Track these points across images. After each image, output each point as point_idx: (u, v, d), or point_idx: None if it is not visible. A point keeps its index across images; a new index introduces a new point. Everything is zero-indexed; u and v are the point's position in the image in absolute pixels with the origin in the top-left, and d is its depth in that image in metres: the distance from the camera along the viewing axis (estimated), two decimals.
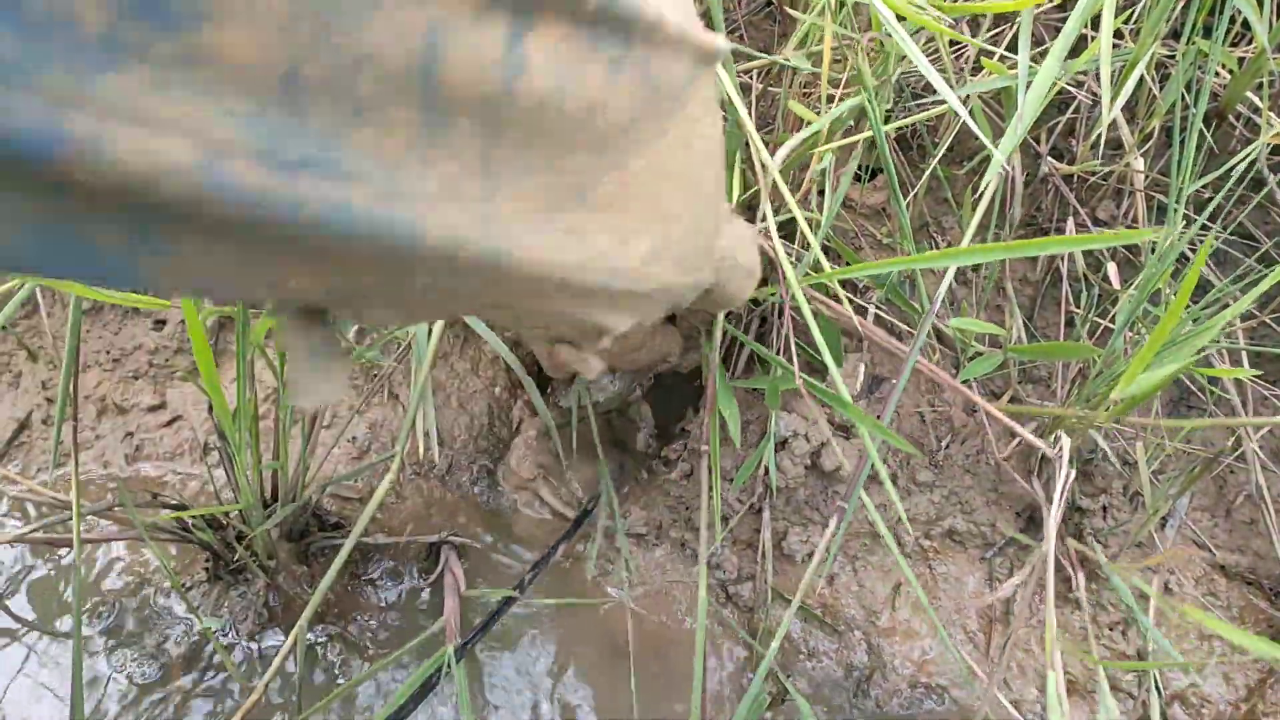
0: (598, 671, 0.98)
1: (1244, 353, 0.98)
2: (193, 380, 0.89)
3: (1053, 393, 1.00)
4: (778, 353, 0.88)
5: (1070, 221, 0.98)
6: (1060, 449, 0.78)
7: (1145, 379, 0.70)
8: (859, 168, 1.02)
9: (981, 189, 0.80)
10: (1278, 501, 1.00)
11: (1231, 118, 0.98)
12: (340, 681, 0.96)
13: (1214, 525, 1.03)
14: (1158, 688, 0.95)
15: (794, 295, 0.73)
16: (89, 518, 0.93)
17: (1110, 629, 0.98)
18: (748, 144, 0.79)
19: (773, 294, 0.84)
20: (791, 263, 0.82)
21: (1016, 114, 0.74)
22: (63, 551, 1.03)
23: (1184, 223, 0.95)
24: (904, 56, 0.78)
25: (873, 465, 0.78)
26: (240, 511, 0.94)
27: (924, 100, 0.98)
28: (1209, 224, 0.95)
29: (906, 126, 0.97)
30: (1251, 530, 1.00)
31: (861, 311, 0.99)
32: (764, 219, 0.77)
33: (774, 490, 0.98)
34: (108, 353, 1.13)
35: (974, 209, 0.81)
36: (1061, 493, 0.77)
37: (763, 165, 0.77)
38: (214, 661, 0.96)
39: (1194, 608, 0.70)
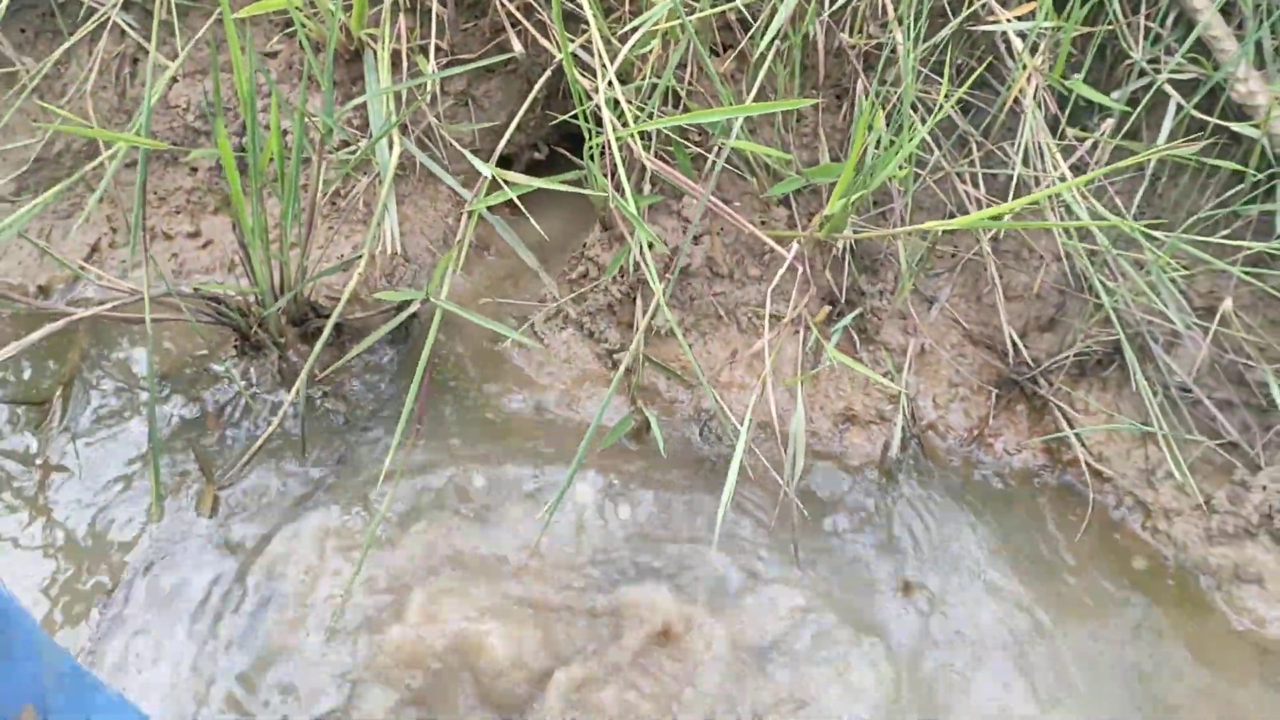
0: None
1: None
2: (224, 210, 1.26)
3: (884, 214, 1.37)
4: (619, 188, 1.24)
5: (859, 83, 1.33)
6: (796, 250, 1.15)
7: (833, 205, 1.07)
8: (713, 44, 1.37)
9: (759, 50, 1.16)
10: (1008, 289, 1.37)
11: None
12: (342, 425, 1.36)
13: (968, 308, 1.40)
14: (912, 418, 1.33)
15: (616, 143, 1.10)
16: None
17: (883, 376, 1.35)
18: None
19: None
20: (629, 117, 1.18)
21: None
22: (127, 339, 1.42)
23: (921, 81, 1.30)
24: None
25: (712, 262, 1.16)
26: (257, 299, 1.32)
27: None
28: (935, 77, 1.30)
29: (733, 8, 1.32)
30: (992, 311, 1.37)
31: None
32: (609, 81, 1.13)
33: (644, 283, 1.35)
34: (155, 193, 1.51)
35: (756, 70, 1.17)
36: (804, 274, 1.14)
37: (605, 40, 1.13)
38: (239, 409, 1.36)
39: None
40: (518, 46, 1.41)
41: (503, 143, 1.33)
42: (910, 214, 1.36)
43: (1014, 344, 1.34)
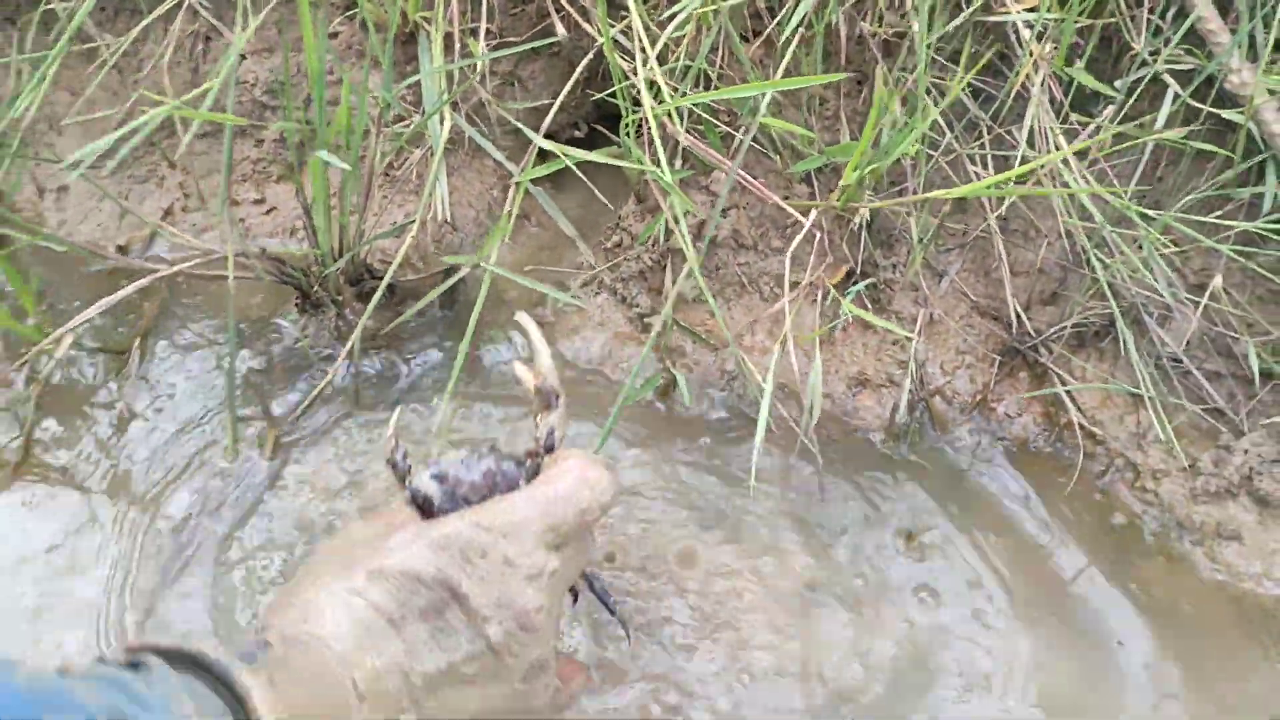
0: None
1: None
2: (287, 178, 1.38)
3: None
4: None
5: (878, 69, 1.43)
6: (815, 217, 1.26)
7: (848, 177, 1.17)
8: (742, 30, 1.48)
9: (785, 36, 1.26)
10: (1014, 265, 1.46)
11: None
12: (392, 378, 1.48)
13: (976, 282, 1.50)
14: (920, 382, 1.43)
15: (653, 119, 1.21)
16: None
17: (893, 345, 1.46)
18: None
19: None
20: (665, 94, 1.29)
21: None
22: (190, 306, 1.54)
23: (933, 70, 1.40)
24: None
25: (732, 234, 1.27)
26: (318, 261, 1.44)
27: None
28: (951, 65, 1.40)
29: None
30: (999, 285, 1.47)
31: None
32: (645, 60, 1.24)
33: (674, 252, 1.46)
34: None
35: (783, 54, 1.27)
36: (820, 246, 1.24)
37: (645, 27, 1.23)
38: (299, 361, 1.48)
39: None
40: (561, 31, 1.52)
41: (548, 119, 1.44)
42: (924, 191, 1.46)
43: (1018, 315, 1.44)
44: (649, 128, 1.30)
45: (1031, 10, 1.34)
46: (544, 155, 1.44)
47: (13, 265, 1.44)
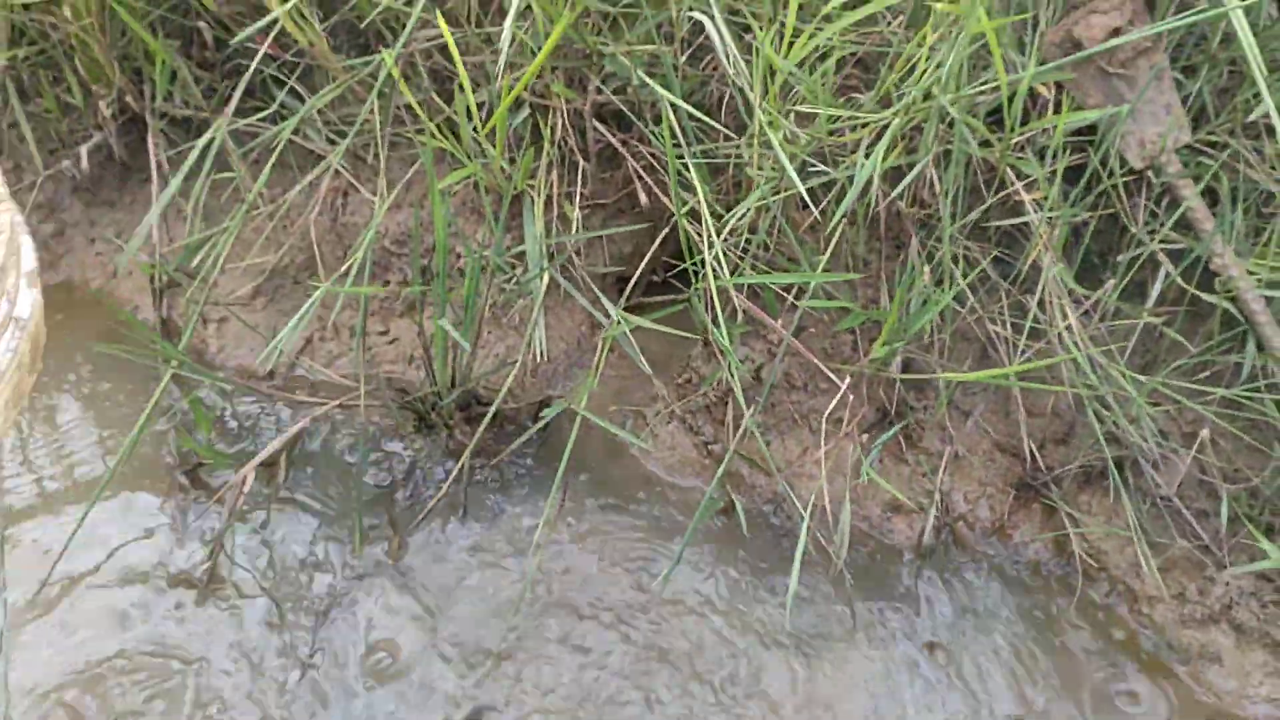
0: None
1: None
2: (408, 315, 1.66)
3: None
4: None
5: (914, 241, 1.68)
6: (850, 382, 1.51)
7: (877, 351, 1.42)
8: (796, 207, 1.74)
9: (832, 226, 1.52)
10: (1030, 409, 1.69)
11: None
12: (494, 489, 1.75)
13: (997, 422, 1.73)
14: (944, 509, 1.66)
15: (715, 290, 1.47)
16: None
17: (922, 475, 1.69)
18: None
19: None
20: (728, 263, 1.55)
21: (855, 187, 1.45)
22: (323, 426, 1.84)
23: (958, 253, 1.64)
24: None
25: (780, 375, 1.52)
26: (434, 390, 1.72)
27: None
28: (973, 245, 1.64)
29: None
30: (1016, 425, 1.70)
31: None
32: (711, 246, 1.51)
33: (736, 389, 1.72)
34: (356, 298, 1.93)
35: (831, 235, 1.53)
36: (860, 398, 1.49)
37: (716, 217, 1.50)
38: (418, 476, 1.76)
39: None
40: (643, 199, 1.80)
41: (631, 283, 1.72)
42: (952, 342, 1.70)
43: (1032, 454, 1.66)
44: (712, 297, 1.56)
45: (1044, 198, 1.58)
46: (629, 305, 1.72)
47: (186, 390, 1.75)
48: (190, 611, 1.59)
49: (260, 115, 1.83)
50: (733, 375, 1.58)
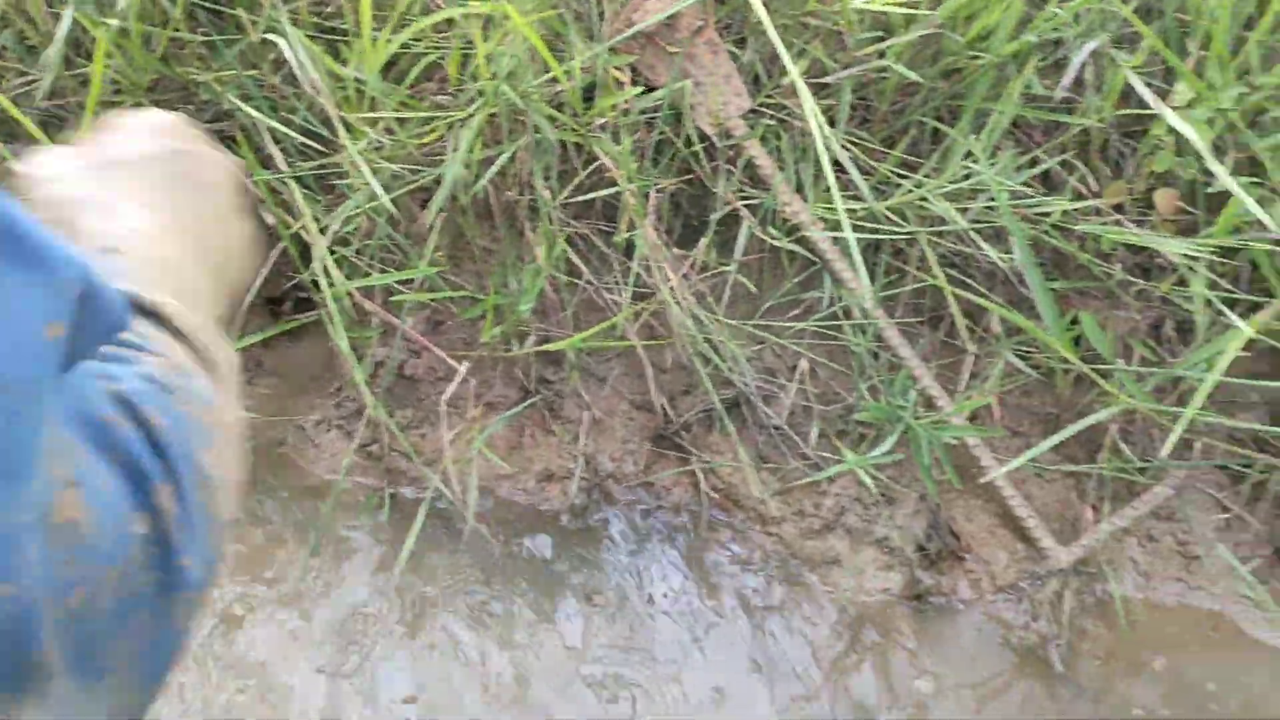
0: None
1: None
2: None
3: None
4: None
5: (527, 227, 1.78)
6: (464, 365, 1.60)
7: (486, 334, 1.52)
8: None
9: (430, 220, 1.61)
10: (660, 364, 1.83)
11: None
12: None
13: (633, 382, 1.86)
14: (592, 469, 1.78)
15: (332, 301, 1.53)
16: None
17: (569, 443, 1.80)
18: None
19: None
20: None
21: None
22: None
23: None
24: None
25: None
26: None
27: None
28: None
29: None
30: (646, 383, 1.84)
31: None
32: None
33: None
34: None
35: (428, 240, 1.62)
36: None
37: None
38: None
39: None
40: (269, 219, 1.84)
41: (245, 303, 1.76)
42: (586, 315, 1.82)
43: (664, 408, 1.81)
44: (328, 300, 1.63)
45: (625, 173, 1.72)
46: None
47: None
48: None
49: None
50: (357, 374, 1.65)
